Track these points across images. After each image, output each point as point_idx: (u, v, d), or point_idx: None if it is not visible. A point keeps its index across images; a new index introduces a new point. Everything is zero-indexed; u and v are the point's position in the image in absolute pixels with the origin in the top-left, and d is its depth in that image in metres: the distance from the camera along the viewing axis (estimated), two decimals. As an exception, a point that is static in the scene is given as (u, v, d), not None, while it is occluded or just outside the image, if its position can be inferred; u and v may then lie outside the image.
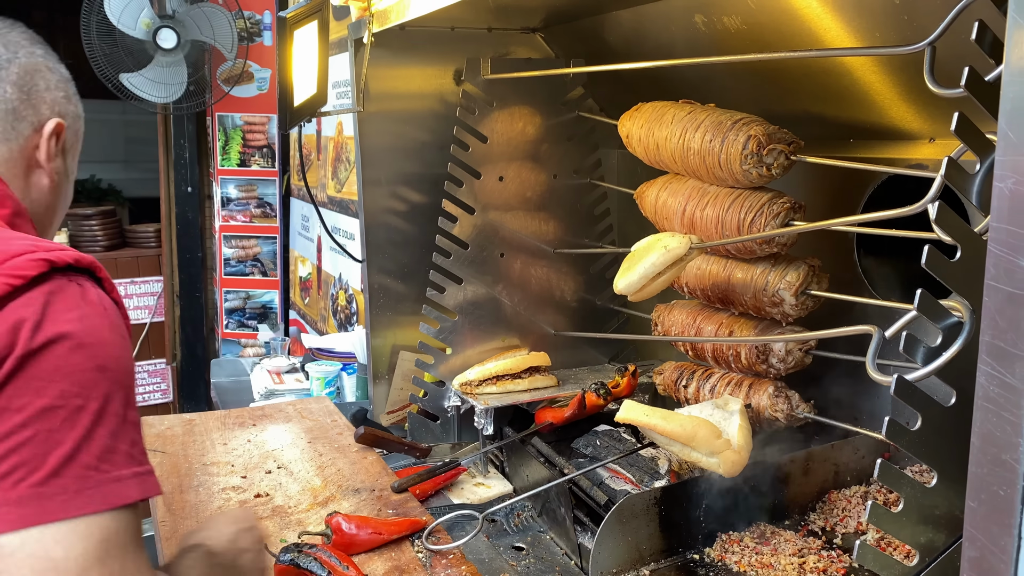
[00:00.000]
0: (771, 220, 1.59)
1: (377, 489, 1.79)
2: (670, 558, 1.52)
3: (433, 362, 2.19)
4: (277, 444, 2.04)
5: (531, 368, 2.16)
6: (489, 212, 2.21)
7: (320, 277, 4.17)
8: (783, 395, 1.70)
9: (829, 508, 1.64)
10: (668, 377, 1.97)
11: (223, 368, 3.54)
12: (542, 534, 1.84)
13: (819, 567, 1.44)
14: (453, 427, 2.22)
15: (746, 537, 1.55)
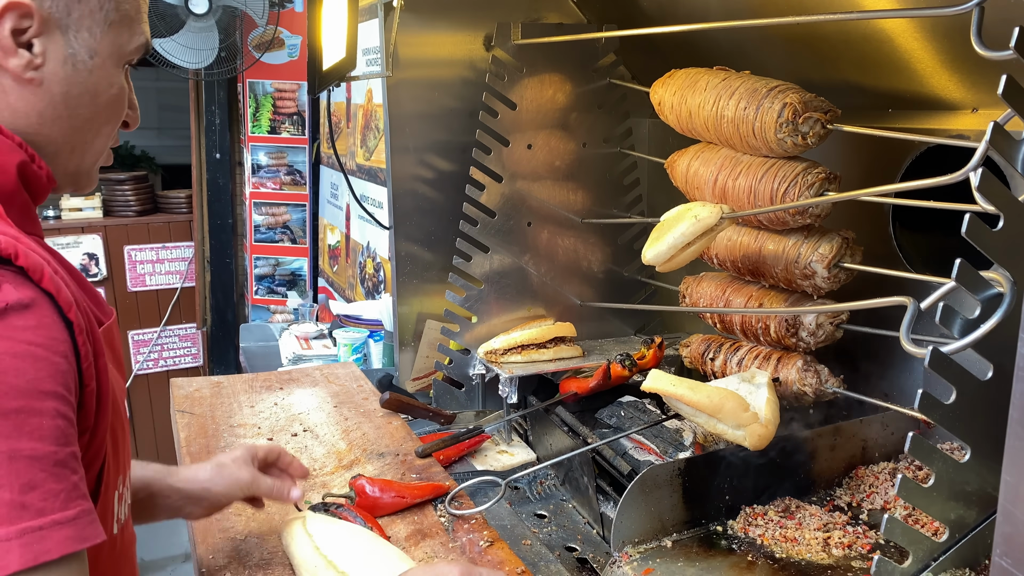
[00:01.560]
0: (805, 190, 1.56)
1: (401, 454, 1.80)
2: (692, 529, 1.52)
3: (459, 330, 2.19)
4: (303, 408, 2.05)
5: (556, 338, 2.15)
6: (517, 181, 2.19)
7: (348, 245, 4.18)
8: (812, 369, 1.67)
9: (856, 484, 1.62)
10: (695, 350, 1.95)
11: (252, 333, 3.57)
12: (564, 502, 1.85)
13: (844, 542, 1.42)
14: (477, 395, 2.23)
15: (770, 511, 1.54)
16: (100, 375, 0.84)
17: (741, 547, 1.45)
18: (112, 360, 0.93)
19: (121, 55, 0.95)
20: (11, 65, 0.87)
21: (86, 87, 0.93)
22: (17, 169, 0.88)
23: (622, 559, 1.44)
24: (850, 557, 1.40)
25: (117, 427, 0.92)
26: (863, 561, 1.38)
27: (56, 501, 0.73)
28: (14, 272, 0.79)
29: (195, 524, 1.49)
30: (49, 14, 0.88)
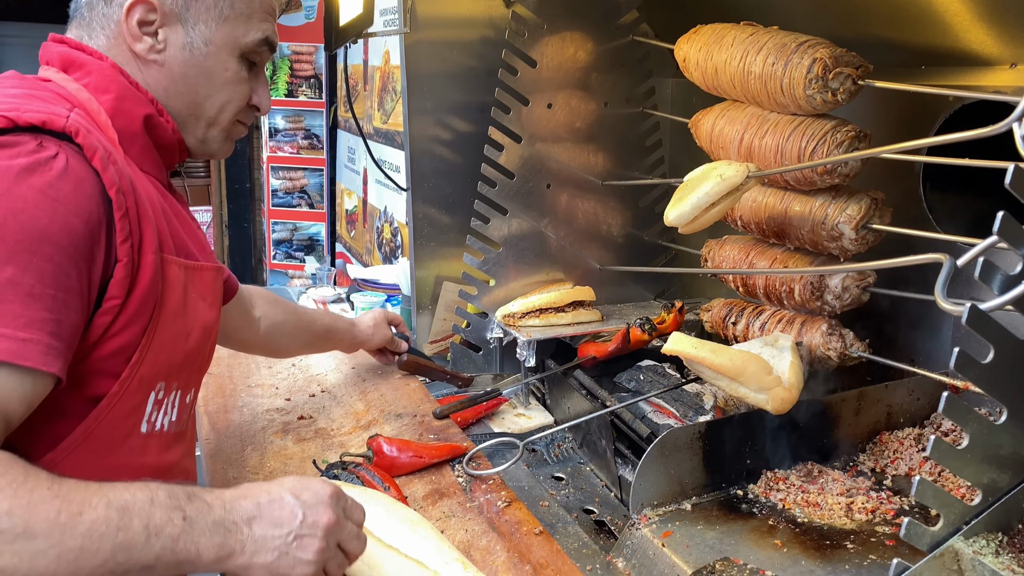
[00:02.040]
0: (834, 149, 1.51)
1: (419, 415, 1.79)
2: (712, 493, 1.50)
3: (476, 293, 2.17)
4: (321, 369, 2.05)
5: (575, 302, 2.13)
6: (536, 142, 2.15)
7: (366, 210, 4.17)
8: (837, 333, 1.64)
9: (880, 449, 1.59)
10: (716, 314, 1.92)
11: (269, 297, 3.58)
12: (582, 465, 1.83)
13: (867, 507, 1.40)
14: (495, 358, 2.21)
15: (792, 475, 1.51)
16: (144, 265, 0.98)
17: (762, 511, 1.44)
18: (198, 294, 1.13)
19: (236, 46, 1.16)
20: (138, 48, 1.11)
21: (202, 69, 1.15)
22: (144, 119, 1.11)
23: (641, 522, 1.42)
24: (873, 523, 1.37)
25: (171, 336, 1.05)
26: (887, 527, 1.36)
27: (15, 321, 0.84)
28: (74, 148, 0.94)
29: (213, 482, 1.49)
30: (170, 9, 1.11)
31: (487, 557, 1.29)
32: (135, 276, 0.98)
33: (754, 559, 1.29)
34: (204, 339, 1.16)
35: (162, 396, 1.07)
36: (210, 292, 1.18)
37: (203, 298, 1.15)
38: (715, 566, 1.25)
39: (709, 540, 1.36)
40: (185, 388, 1.14)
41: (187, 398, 1.14)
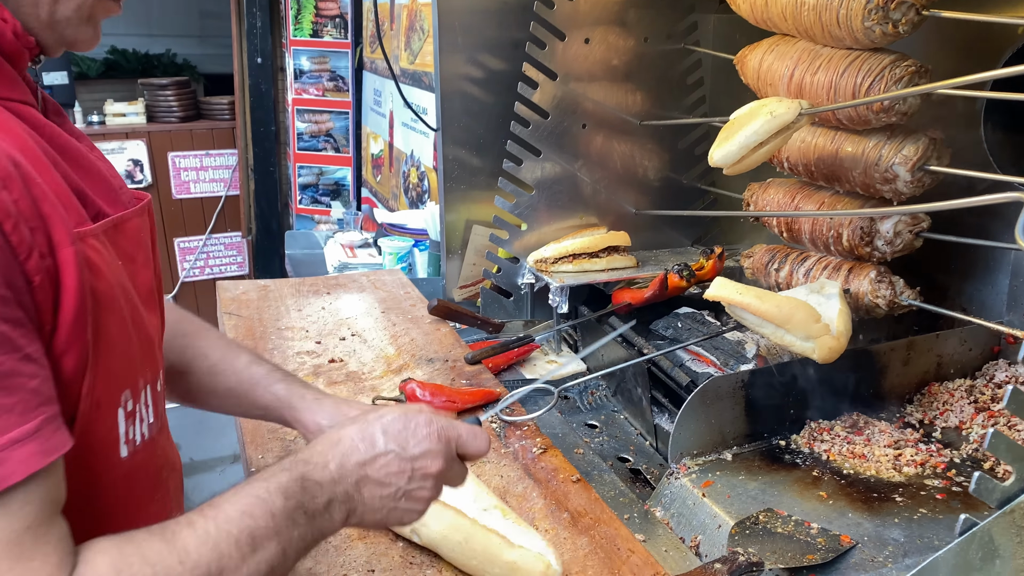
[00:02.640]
0: (892, 85, 1.42)
1: (450, 360, 1.76)
2: (754, 443, 1.46)
3: (508, 238, 2.11)
4: (351, 312, 2.02)
5: (609, 247, 2.07)
6: (571, 81, 2.07)
7: (392, 154, 4.10)
8: (886, 280, 1.57)
9: (928, 401, 1.54)
10: (758, 260, 1.85)
11: (297, 240, 3.54)
12: (616, 413, 1.80)
13: (916, 460, 1.35)
14: (526, 304, 2.17)
15: (837, 426, 1.47)
16: (64, 266, 0.72)
17: (806, 462, 1.39)
18: (123, 257, 0.83)
19: None
20: None
21: None
22: None
23: (680, 471, 1.39)
24: (922, 476, 1.33)
25: (117, 331, 0.79)
26: (937, 480, 1.31)
27: (11, 417, 0.65)
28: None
29: (244, 424, 1.47)
30: None
31: (524, 504, 1.27)
32: (57, 288, 0.71)
33: (798, 510, 1.25)
34: (153, 310, 0.89)
35: (132, 406, 0.83)
36: (140, 246, 0.89)
37: (135, 259, 0.87)
38: (758, 517, 1.22)
39: (751, 490, 1.32)
40: (154, 376, 0.88)
41: (158, 385, 0.89)
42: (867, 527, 1.20)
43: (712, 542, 1.26)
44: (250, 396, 1.16)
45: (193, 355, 1.16)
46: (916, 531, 1.19)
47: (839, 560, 1.12)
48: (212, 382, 1.16)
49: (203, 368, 1.16)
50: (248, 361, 1.18)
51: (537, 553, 1.07)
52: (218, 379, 1.16)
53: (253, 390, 1.16)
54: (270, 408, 1.16)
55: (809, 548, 1.13)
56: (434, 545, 1.13)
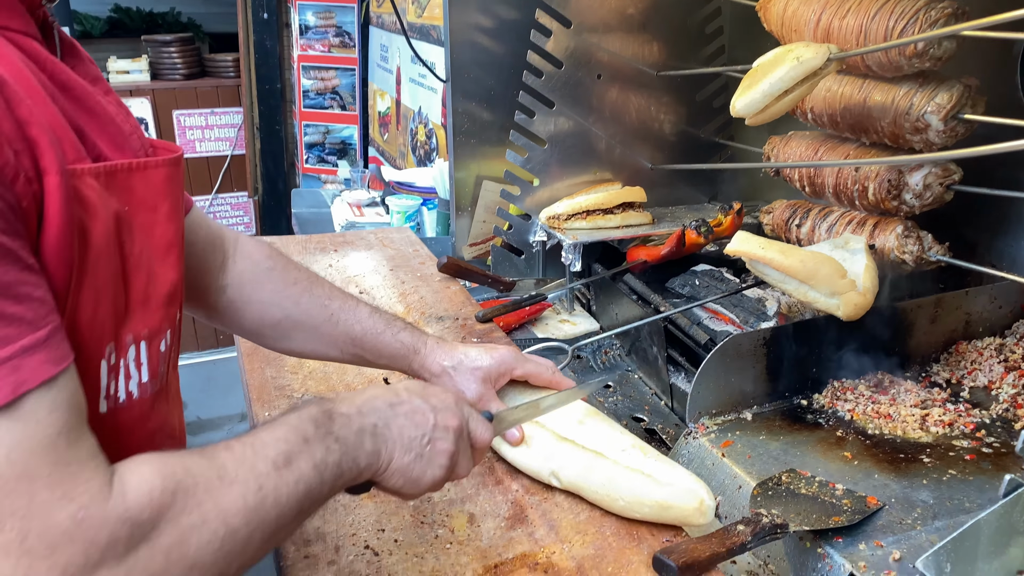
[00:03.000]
0: (926, 29, 1.35)
1: (461, 318, 1.71)
2: (775, 402, 1.42)
3: (519, 194, 2.06)
4: (359, 270, 1.97)
5: (624, 204, 2.01)
6: (585, 31, 1.99)
7: (399, 111, 4.02)
8: (914, 235, 1.51)
9: (956, 360, 1.49)
10: (778, 216, 1.79)
11: (304, 199, 3.49)
12: (630, 373, 1.76)
13: (944, 420, 1.31)
14: (538, 262, 2.12)
15: (861, 385, 1.42)
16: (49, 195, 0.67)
17: (829, 422, 1.35)
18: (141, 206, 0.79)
19: None
20: None
21: None
22: None
23: (698, 431, 1.35)
24: (951, 436, 1.28)
25: (105, 280, 0.74)
26: (966, 440, 1.27)
27: (22, 325, 0.63)
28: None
29: (251, 381, 1.44)
30: None
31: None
32: (41, 216, 0.67)
33: (822, 471, 1.21)
34: (166, 264, 0.83)
35: (116, 360, 0.78)
36: (165, 197, 0.83)
37: (157, 209, 0.81)
38: (780, 478, 1.18)
39: (772, 451, 1.28)
40: (155, 335, 0.81)
41: (161, 345, 0.83)
42: (894, 488, 1.16)
43: (732, 503, 1.22)
44: (377, 344, 1.17)
45: (310, 304, 1.16)
46: (945, 493, 1.14)
47: (866, 522, 1.08)
48: (333, 332, 1.16)
49: (322, 317, 1.16)
50: (369, 310, 1.19)
51: (687, 488, 1.05)
52: (340, 328, 1.16)
53: (379, 338, 1.17)
54: (396, 356, 1.18)
55: (834, 510, 1.09)
56: (576, 488, 1.12)
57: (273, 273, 1.16)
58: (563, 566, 1.00)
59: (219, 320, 1.15)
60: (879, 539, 1.05)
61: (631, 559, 1.01)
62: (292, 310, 1.15)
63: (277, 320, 1.15)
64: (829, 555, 1.04)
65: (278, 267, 1.17)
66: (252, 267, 1.15)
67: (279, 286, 1.15)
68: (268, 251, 1.18)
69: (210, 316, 1.15)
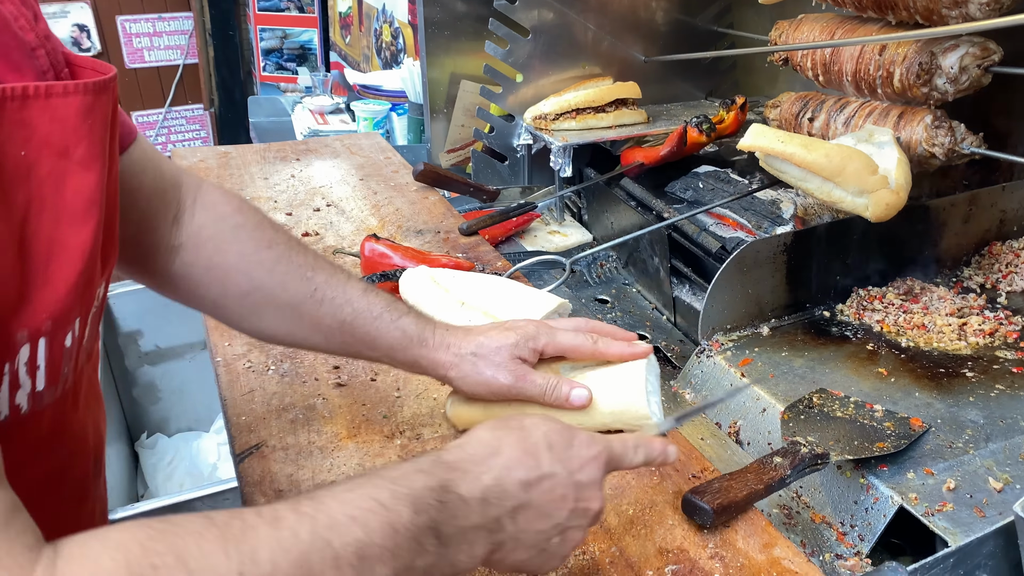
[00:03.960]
0: None
1: (443, 231, 1.55)
2: (795, 315, 1.28)
3: (500, 91, 1.86)
4: (325, 181, 1.78)
5: (617, 101, 1.83)
6: (571, -98, 1.77)
7: (361, 11, 3.73)
8: (945, 125, 1.35)
9: (989, 263, 1.36)
10: (787, 110, 1.62)
11: (262, 107, 3.24)
12: (627, 287, 1.62)
13: (984, 329, 1.18)
14: (523, 168, 1.94)
15: (889, 293, 1.29)
16: None
17: (857, 334, 1.22)
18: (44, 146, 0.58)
19: None
20: None
21: None
22: None
23: (712, 348, 1.22)
24: (993, 347, 1.16)
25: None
26: (1010, 351, 1.15)
27: None
28: None
29: (208, 308, 1.27)
30: None
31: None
32: None
33: (856, 390, 1.08)
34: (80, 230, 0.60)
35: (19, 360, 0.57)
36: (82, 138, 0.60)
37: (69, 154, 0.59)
38: (811, 399, 1.05)
39: (797, 368, 1.15)
40: (59, 327, 0.60)
41: (66, 339, 0.61)
42: (938, 408, 1.04)
43: (755, 428, 1.10)
44: (371, 331, 0.90)
45: (288, 275, 0.89)
46: (996, 411, 1.03)
47: (912, 447, 0.96)
48: (316, 312, 0.89)
49: (303, 293, 0.89)
50: (363, 289, 0.92)
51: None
52: (325, 308, 0.90)
53: (375, 324, 0.90)
54: (395, 346, 0.90)
55: (876, 434, 0.97)
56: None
57: (241, 232, 0.89)
58: (576, 509, 0.87)
59: (170, 290, 0.90)
60: (928, 466, 0.94)
61: (654, 499, 0.88)
62: (264, 280, 0.88)
63: (244, 292, 0.88)
64: (874, 486, 0.92)
65: (249, 224, 0.90)
66: (214, 222, 0.88)
67: (248, 248, 0.88)
68: (238, 203, 0.91)
69: (159, 285, 0.90)
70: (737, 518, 0.84)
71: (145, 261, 0.87)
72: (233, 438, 1.01)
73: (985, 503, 0.87)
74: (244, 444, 0.99)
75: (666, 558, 0.80)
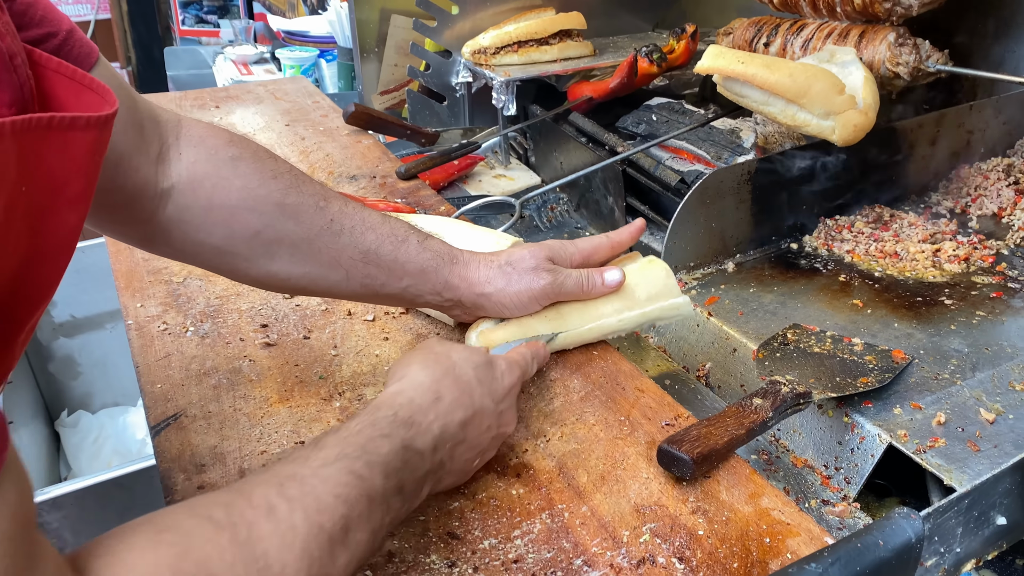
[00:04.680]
0: None
1: (379, 176, 1.42)
2: (759, 249, 1.20)
3: (435, 25, 1.72)
4: (248, 127, 1.63)
5: (561, 32, 1.71)
6: None
7: (285, -45, 3.50)
8: (909, 43, 1.28)
9: (957, 187, 1.30)
10: (740, 37, 1.53)
11: (180, 59, 3.02)
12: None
13: (959, 255, 1.12)
14: (463, 108, 1.81)
15: (858, 222, 1.22)
16: None
17: (827, 266, 1.15)
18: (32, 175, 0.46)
19: None
20: None
21: None
22: None
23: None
24: (969, 272, 1.10)
25: None
26: (987, 276, 1.09)
27: None
28: None
29: (117, 266, 1.14)
30: None
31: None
32: None
33: (831, 324, 1.01)
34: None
35: None
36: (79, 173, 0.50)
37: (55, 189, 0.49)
38: (786, 335, 0.97)
39: (768, 304, 1.07)
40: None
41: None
42: (920, 338, 0.97)
43: (725, 369, 1.02)
44: (399, 256, 0.82)
45: (300, 205, 0.78)
46: (979, 338, 0.96)
47: (896, 381, 0.89)
48: (335, 244, 0.80)
49: (319, 224, 0.79)
50: (381, 215, 0.84)
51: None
52: (344, 239, 0.80)
53: (402, 248, 0.82)
54: (427, 268, 0.84)
55: (859, 369, 0.90)
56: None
57: (241, 164, 0.77)
58: (540, 467, 0.78)
59: (162, 241, 0.77)
60: (915, 400, 0.87)
61: (625, 451, 0.80)
62: (275, 215, 0.77)
63: (254, 231, 0.77)
64: (859, 425, 0.85)
65: (247, 155, 0.78)
66: (209, 157, 0.76)
67: (253, 181, 0.77)
68: (228, 135, 0.79)
69: (147, 237, 0.77)
70: (718, 467, 0.76)
71: (129, 211, 0.74)
72: (148, 408, 0.89)
73: (979, 436, 0.81)
74: (160, 415, 0.87)
75: (643, 516, 0.72)
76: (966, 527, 0.62)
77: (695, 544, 0.69)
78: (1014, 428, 0.82)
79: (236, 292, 1.07)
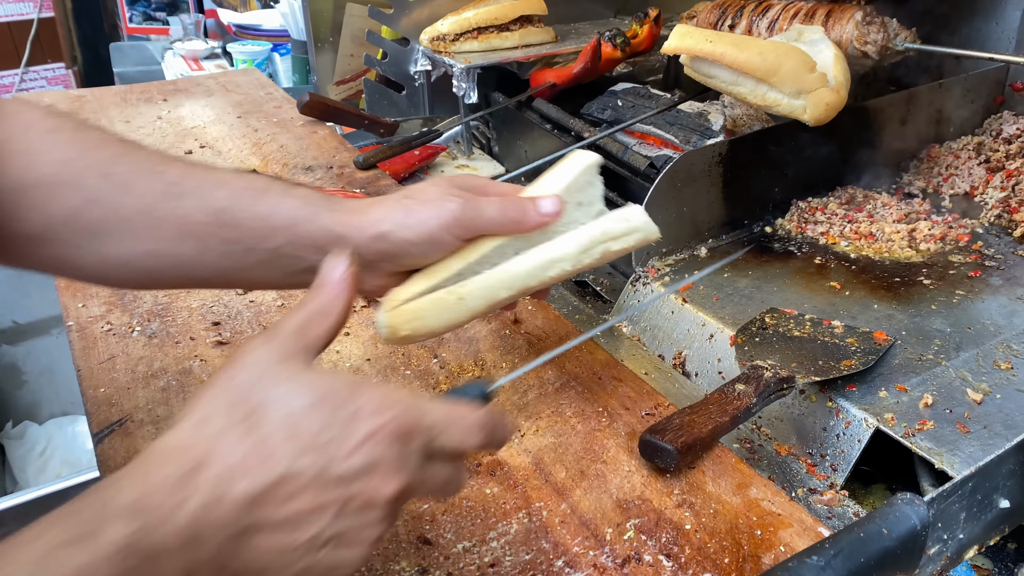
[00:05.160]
0: None
1: (336, 166, 1.37)
2: (732, 233, 1.17)
3: (392, 12, 1.67)
4: (198, 121, 1.56)
5: (522, 18, 1.67)
6: None
7: (235, -51, 3.41)
8: (876, 21, 1.26)
9: (928, 166, 1.28)
10: (704, 19, 1.50)
11: (127, 55, 2.91)
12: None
13: (934, 234, 1.10)
14: (423, 98, 1.76)
15: (831, 203, 1.19)
16: None
17: (801, 249, 1.12)
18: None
19: None
20: None
21: None
22: None
23: (648, 275, 1.09)
24: (945, 252, 1.08)
25: None
26: (963, 255, 1.07)
27: None
28: None
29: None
30: None
31: (462, 332, 0.94)
32: None
33: (809, 307, 0.98)
34: None
35: None
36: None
37: None
38: (763, 320, 0.94)
39: (743, 288, 1.04)
40: None
41: None
42: (901, 319, 0.94)
43: (702, 356, 0.98)
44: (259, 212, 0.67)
45: (130, 173, 0.65)
46: (961, 318, 0.94)
47: (879, 364, 0.86)
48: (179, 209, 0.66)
49: (156, 190, 0.65)
50: (233, 170, 0.72)
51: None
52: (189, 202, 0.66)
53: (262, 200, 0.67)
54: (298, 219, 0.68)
55: (841, 352, 0.87)
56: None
57: (59, 135, 0.65)
58: (515, 463, 0.74)
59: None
60: (900, 382, 0.84)
61: (605, 444, 0.75)
62: (99, 186, 0.64)
63: (73, 208, 0.64)
64: (844, 409, 0.82)
65: (67, 127, 0.67)
66: (21, 132, 0.65)
67: (71, 153, 0.65)
68: (47, 110, 0.68)
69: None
70: (703, 457, 0.72)
71: None
72: (90, 415, 0.83)
73: (967, 417, 0.78)
74: (103, 421, 0.81)
75: (626, 512, 0.67)
76: (969, 512, 0.59)
77: (682, 539, 0.65)
78: (1002, 408, 0.79)
79: (186, 289, 1.00)
